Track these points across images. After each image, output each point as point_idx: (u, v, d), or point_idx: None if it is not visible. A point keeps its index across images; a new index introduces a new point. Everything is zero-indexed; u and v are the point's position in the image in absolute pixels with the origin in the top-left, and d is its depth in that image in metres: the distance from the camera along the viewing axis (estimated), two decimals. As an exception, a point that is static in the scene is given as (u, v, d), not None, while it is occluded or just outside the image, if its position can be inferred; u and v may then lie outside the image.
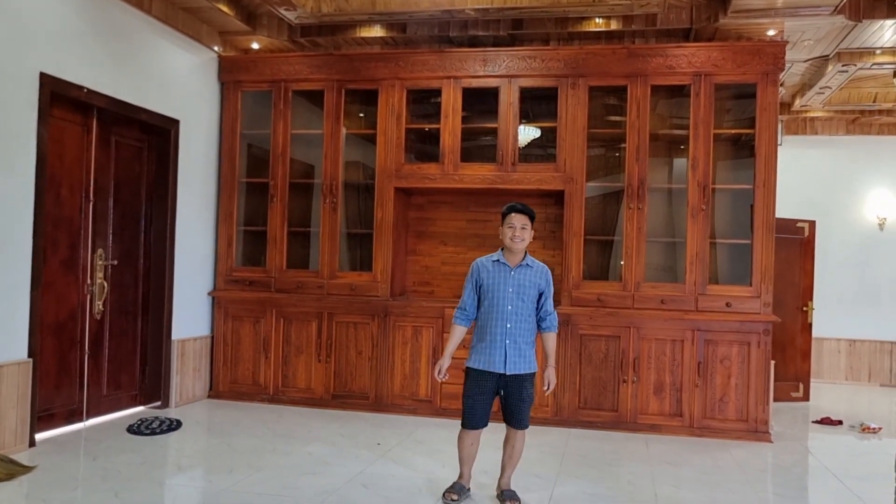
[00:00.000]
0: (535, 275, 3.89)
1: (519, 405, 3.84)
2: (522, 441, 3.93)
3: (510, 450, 3.92)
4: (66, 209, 5.12)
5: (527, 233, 3.86)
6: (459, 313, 3.95)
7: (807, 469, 5.06)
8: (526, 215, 3.88)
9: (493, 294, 3.84)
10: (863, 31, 5.92)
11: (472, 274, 3.95)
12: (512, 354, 3.80)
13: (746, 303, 5.65)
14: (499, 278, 3.85)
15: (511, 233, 3.83)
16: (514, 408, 3.85)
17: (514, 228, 3.83)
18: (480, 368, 3.82)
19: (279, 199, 6.44)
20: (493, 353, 3.80)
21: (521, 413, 3.85)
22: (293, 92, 6.47)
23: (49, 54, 4.76)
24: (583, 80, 5.93)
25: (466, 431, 3.89)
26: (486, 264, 3.92)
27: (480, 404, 3.84)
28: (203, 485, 4.18)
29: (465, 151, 6.19)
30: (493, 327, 3.82)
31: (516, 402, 3.83)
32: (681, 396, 5.68)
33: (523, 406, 3.84)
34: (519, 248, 3.86)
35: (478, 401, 3.84)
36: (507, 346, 3.80)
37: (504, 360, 3.80)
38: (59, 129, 5.00)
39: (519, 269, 3.86)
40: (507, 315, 3.81)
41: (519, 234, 3.83)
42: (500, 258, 3.90)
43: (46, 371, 4.97)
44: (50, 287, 4.96)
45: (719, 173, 6.05)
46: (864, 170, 8.90)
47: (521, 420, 3.86)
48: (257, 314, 6.42)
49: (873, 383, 8.75)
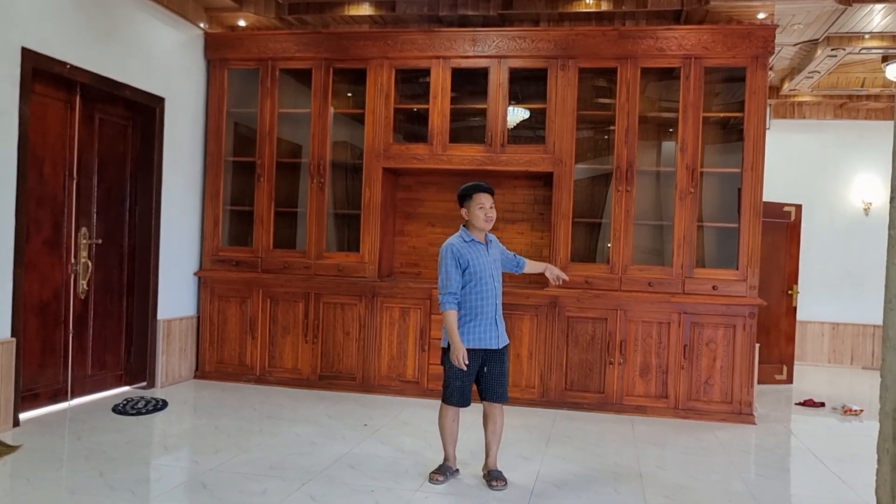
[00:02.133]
0: (495, 247, 4.04)
1: (500, 378, 3.91)
2: (503, 416, 3.99)
3: (493, 426, 3.95)
4: (49, 187, 5.05)
5: (494, 211, 3.93)
6: (451, 297, 3.83)
7: (789, 450, 5.12)
8: (491, 194, 3.93)
9: (479, 273, 3.86)
10: (852, 16, 5.92)
11: (453, 257, 3.84)
12: (502, 329, 3.93)
13: (733, 286, 5.68)
14: (480, 258, 3.89)
15: (483, 213, 3.87)
16: (496, 381, 3.90)
17: (485, 209, 3.87)
18: (472, 347, 3.83)
19: (266, 179, 6.39)
20: (487, 330, 3.86)
21: (503, 385, 3.93)
22: (280, 70, 6.40)
23: (31, 29, 4.67)
24: (573, 62, 5.90)
25: (452, 409, 3.92)
26: (463, 245, 3.89)
27: (469, 383, 3.89)
28: (189, 465, 4.17)
29: (453, 132, 6.16)
30: (484, 306, 3.85)
31: (498, 374, 3.90)
32: (666, 378, 5.71)
33: (504, 379, 3.94)
34: (488, 228, 3.93)
35: (467, 380, 3.87)
36: (498, 321, 3.91)
37: (498, 335, 3.90)
38: (42, 106, 4.92)
39: (490, 246, 3.97)
40: (495, 292, 3.91)
41: (490, 214, 3.89)
42: (472, 238, 3.91)
43: (30, 351, 4.93)
44: (33, 266, 4.91)
45: (707, 157, 6.05)
46: (850, 155, 8.94)
47: (503, 393, 3.93)
48: (244, 294, 6.39)
49: (856, 366, 8.85)
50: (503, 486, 3.84)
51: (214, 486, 3.74)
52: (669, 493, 3.94)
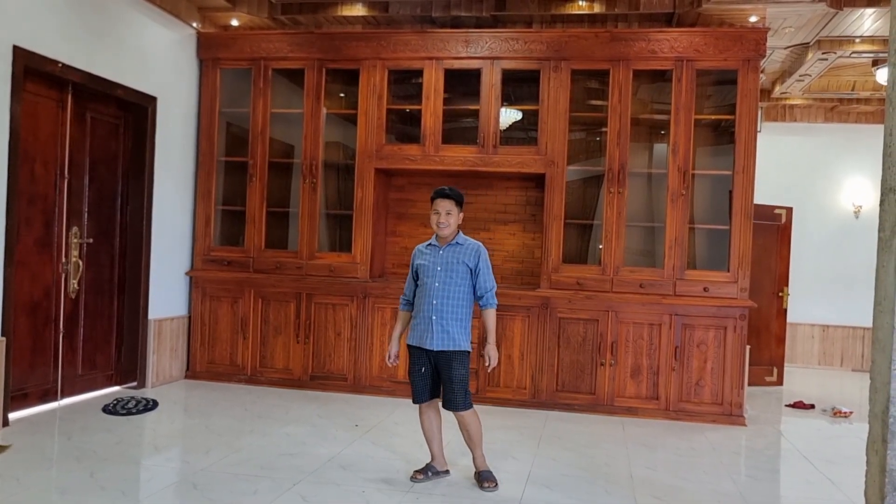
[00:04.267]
0: (464, 252, 3.94)
1: (449, 385, 3.86)
2: (474, 422, 3.91)
3: (464, 432, 3.96)
4: (40, 186, 5.03)
5: (452, 218, 3.92)
6: (402, 299, 4.15)
7: (779, 452, 5.14)
8: (452, 200, 3.93)
9: (423, 273, 3.95)
10: (843, 19, 5.96)
11: (411, 260, 4.08)
12: (439, 330, 3.85)
13: (724, 288, 5.70)
14: (429, 259, 3.96)
15: (436, 219, 3.93)
16: (446, 387, 3.90)
17: (438, 214, 3.93)
18: (412, 344, 3.94)
19: (258, 179, 6.38)
20: (424, 329, 3.89)
21: (452, 393, 3.85)
22: (273, 70, 6.39)
23: (23, 27, 4.65)
24: (565, 64, 5.91)
25: (419, 406, 3.98)
26: (421, 248, 4.06)
27: (419, 379, 3.92)
28: (180, 465, 4.17)
29: (446, 133, 6.17)
30: (423, 304, 3.91)
31: (446, 381, 3.88)
32: (657, 380, 5.73)
33: (453, 387, 3.84)
34: (444, 234, 3.94)
35: (416, 375, 3.93)
36: (434, 322, 3.86)
37: (432, 335, 3.86)
38: (33, 105, 4.90)
39: (448, 248, 3.96)
40: (435, 292, 3.88)
41: (444, 220, 3.91)
42: (433, 241, 4.02)
43: (20, 350, 4.90)
44: (24, 265, 4.88)
45: (699, 159, 6.08)
46: (841, 158, 8.99)
47: (451, 401, 3.86)
48: (235, 294, 6.37)
49: (845, 368, 8.89)
50: (494, 487, 3.85)
51: (205, 486, 3.73)
52: (660, 493, 3.95)
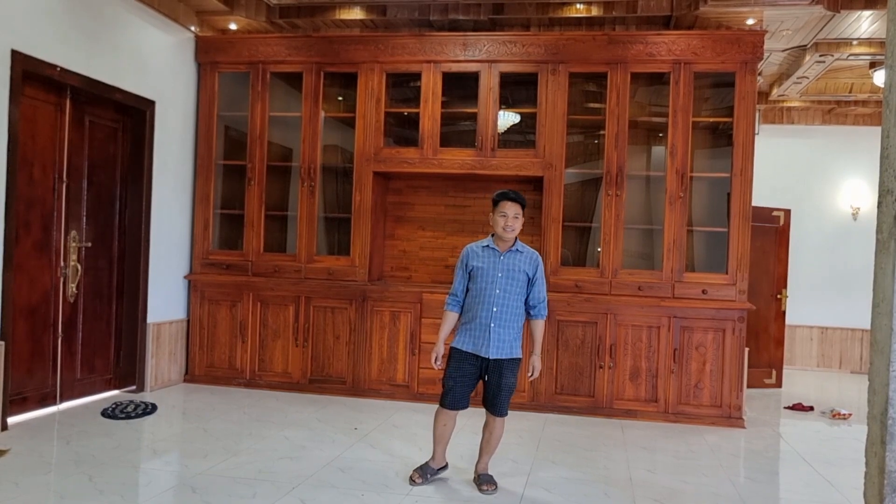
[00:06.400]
0: (524, 260, 3.90)
1: (497, 392, 3.83)
2: (501, 428, 3.94)
3: (488, 435, 3.93)
4: (38, 190, 5.03)
5: (518, 222, 3.87)
6: (451, 299, 3.97)
7: (778, 454, 5.14)
8: (518, 203, 3.89)
9: (482, 278, 3.85)
10: (840, 22, 5.97)
11: (462, 260, 3.96)
12: (496, 338, 3.80)
13: (722, 290, 5.71)
14: (488, 262, 3.86)
15: (503, 221, 3.84)
16: (492, 394, 3.85)
17: (506, 217, 3.84)
18: (465, 350, 3.84)
19: (257, 182, 6.38)
20: (480, 336, 3.81)
21: (499, 399, 3.85)
22: (271, 74, 6.40)
23: (21, 31, 4.65)
24: (563, 66, 5.92)
25: (443, 411, 3.90)
26: (476, 250, 3.94)
27: (461, 385, 3.85)
28: (178, 469, 4.16)
29: (444, 136, 6.17)
30: (480, 310, 3.82)
31: (495, 388, 3.83)
32: (656, 382, 5.73)
33: (501, 394, 3.84)
34: (510, 237, 3.87)
35: (458, 381, 3.85)
36: (493, 329, 3.80)
37: (489, 343, 3.80)
38: (32, 109, 4.90)
39: (508, 254, 3.88)
40: (496, 299, 3.82)
41: (511, 224, 3.84)
42: (489, 244, 3.92)
43: (19, 354, 4.90)
44: (22, 269, 4.88)
45: (697, 161, 6.09)
46: (838, 160, 9.00)
47: (497, 406, 3.86)
48: (234, 298, 6.37)
49: (844, 370, 8.90)
50: (493, 491, 3.85)
51: (204, 490, 3.73)
52: (659, 496, 3.95)
